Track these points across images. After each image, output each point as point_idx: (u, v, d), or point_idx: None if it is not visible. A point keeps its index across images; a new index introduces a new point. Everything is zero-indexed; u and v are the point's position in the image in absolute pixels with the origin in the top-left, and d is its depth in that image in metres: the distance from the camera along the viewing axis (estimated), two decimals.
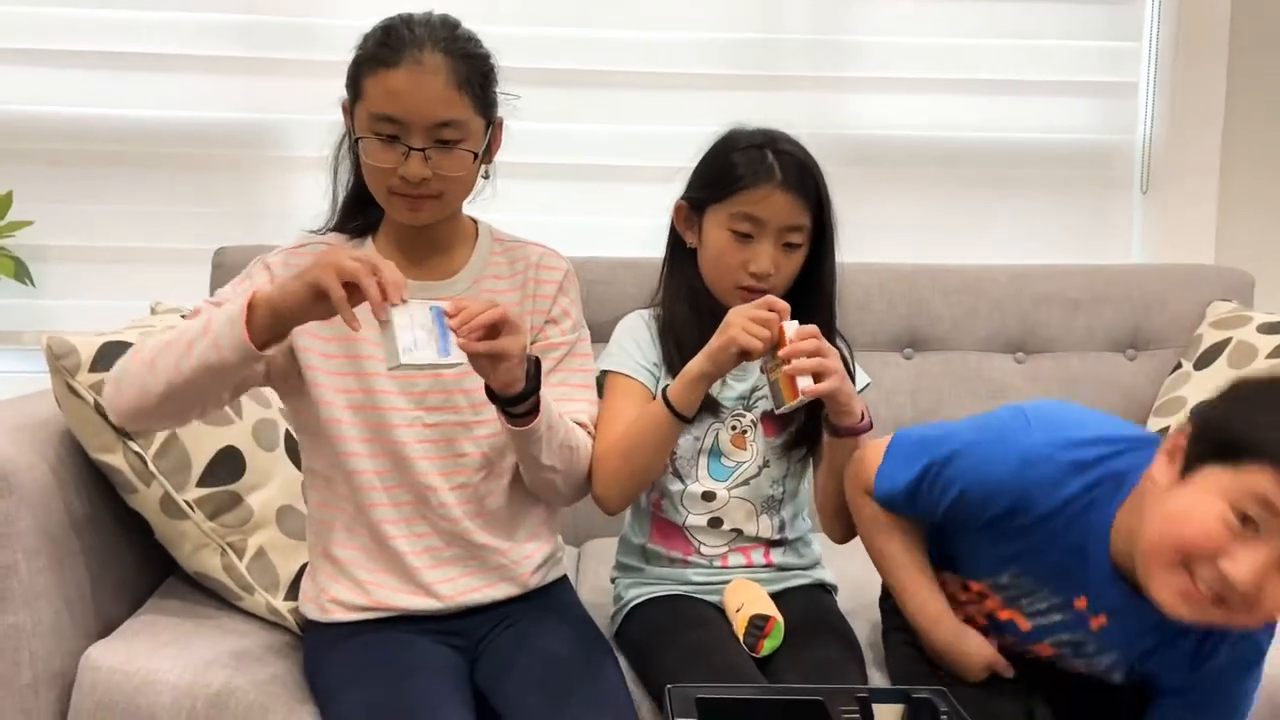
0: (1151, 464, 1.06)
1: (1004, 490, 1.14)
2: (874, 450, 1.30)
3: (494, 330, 1.14)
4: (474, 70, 1.25)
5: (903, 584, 1.30)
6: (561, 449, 1.28)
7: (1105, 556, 1.11)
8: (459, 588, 1.32)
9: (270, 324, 1.12)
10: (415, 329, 1.09)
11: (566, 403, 1.34)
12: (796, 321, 1.30)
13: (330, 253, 1.11)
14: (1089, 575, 1.14)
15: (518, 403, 1.20)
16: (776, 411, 1.32)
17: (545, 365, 1.32)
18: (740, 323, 1.29)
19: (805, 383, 1.26)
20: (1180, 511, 1.01)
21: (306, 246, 1.33)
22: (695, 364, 1.32)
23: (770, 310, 1.29)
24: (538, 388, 1.21)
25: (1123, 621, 1.15)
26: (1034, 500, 1.13)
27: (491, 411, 1.26)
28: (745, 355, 1.29)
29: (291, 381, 1.30)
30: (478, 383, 1.23)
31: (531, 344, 1.33)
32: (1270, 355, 1.87)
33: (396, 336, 1.08)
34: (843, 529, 1.43)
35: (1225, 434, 1.00)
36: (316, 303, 1.09)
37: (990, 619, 1.29)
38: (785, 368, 1.27)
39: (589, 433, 1.36)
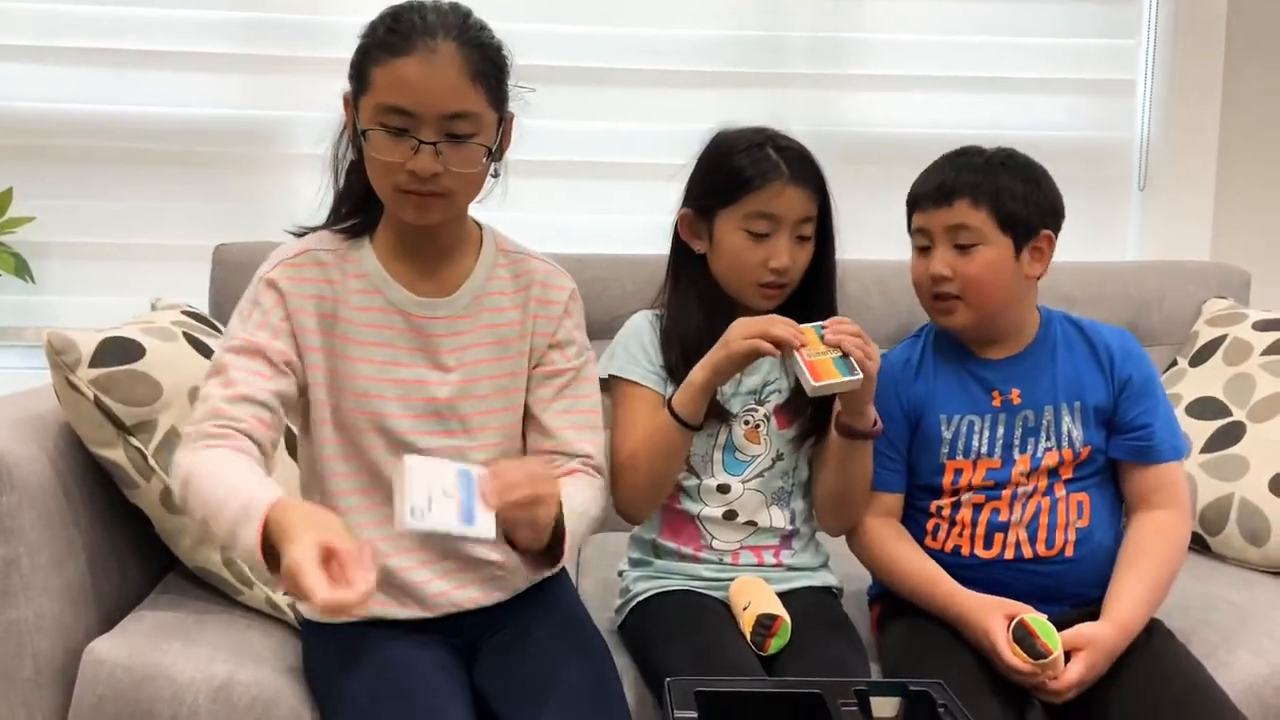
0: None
1: (884, 384, 1.42)
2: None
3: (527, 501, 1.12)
4: (488, 61, 1.19)
5: (929, 575, 1.40)
6: (587, 533, 1.29)
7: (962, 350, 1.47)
8: (455, 600, 1.30)
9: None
10: (432, 488, 1.04)
11: (572, 430, 1.31)
12: (819, 322, 1.32)
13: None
14: (969, 376, 1.45)
15: (541, 557, 1.20)
16: (814, 386, 1.28)
17: (548, 390, 1.32)
18: (741, 331, 1.30)
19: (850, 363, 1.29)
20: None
21: (305, 254, 1.26)
22: (697, 374, 1.34)
23: (770, 323, 1.31)
24: (561, 549, 1.19)
25: (1024, 379, 1.43)
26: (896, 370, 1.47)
27: (489, 436, 1.25)
28: (746, 362, 1.33)
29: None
30: (474, 408, 1.22)
31: (534, 367, 1.32)
32: (1265, 352, 1.88)
33: (408, 494, 1.03)
34: (839, 523, 1.47)
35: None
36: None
37: (979, 503, 1.42)
38: (829, 355, 1.29)
39: (594, 465, 1.32)
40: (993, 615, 1.31)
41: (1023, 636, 1.28)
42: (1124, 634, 1.33)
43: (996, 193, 1.38)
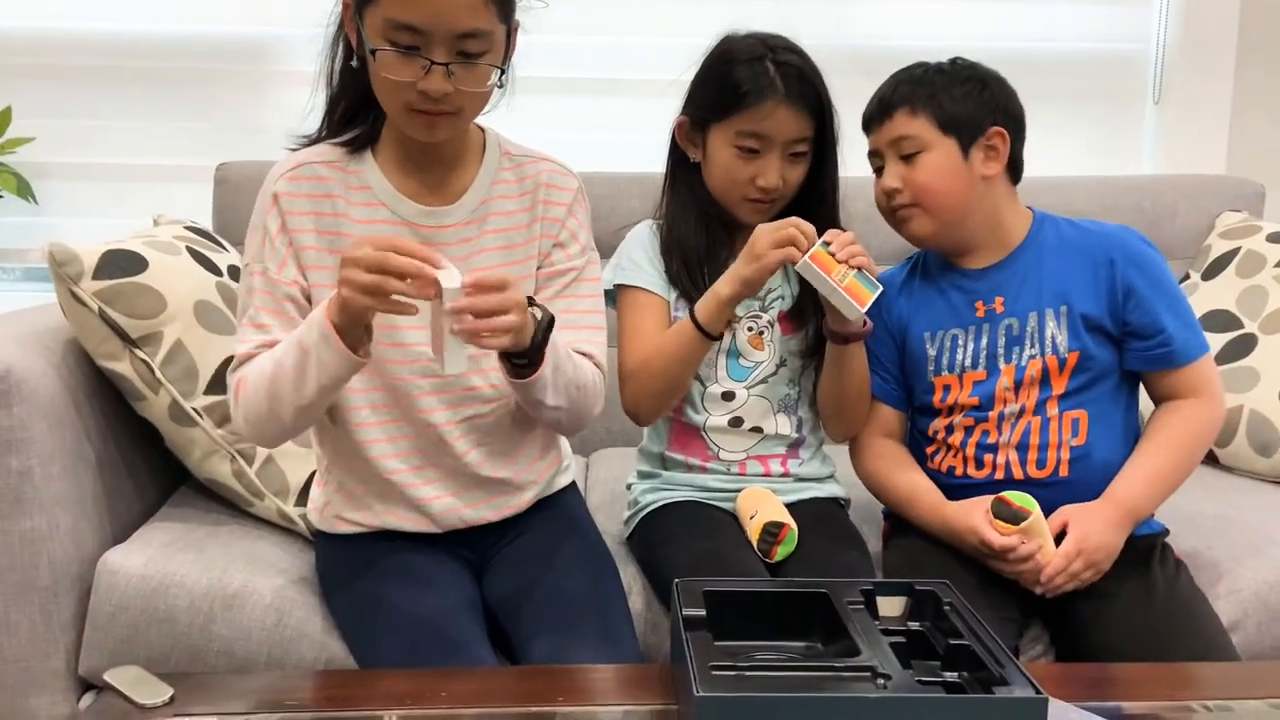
0: None
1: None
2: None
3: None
4: None
5: (914, 489, 1.41)
6: (568, 388, 1.23)
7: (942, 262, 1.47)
8: (464, 517, 1.31)
9: (352, 329, 1.11)
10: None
11: (571, 330, 1.29)
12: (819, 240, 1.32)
13: (350, 257, 1.07)
14: (952, 289, 1.44)
15: (522, 357, 1.16)
16: (862, 312, 1.31)
17: (550, 290, 1.30)
18: (768, 241, 1.30)
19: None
20: None
21: (303, 167, 1.24)
22: (724, 287, 1.33)
23: (790, 227, 1.30)
24: (544, 345, 1.17)
25: (1007, 286, 1.41)
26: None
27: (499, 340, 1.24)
28: (773, 273, 1.33)
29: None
30: None
31: (538, 269, 1.31)
32: (1279, 264, 1.86)
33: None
34: (842, 427, 1.49)
35: None
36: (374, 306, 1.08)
37: (970, 425, 1.41)
38: (851, 275, 1.30)
39: (595, 363, 1.30)
40: (974, 509, 1.32)
41: (1000, 509, 1.29)
42: (1119, 510, 1.30)
43: (932, 96, 1.37)
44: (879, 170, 1.43)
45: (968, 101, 1.38)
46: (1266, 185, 2.10)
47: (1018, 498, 1.29)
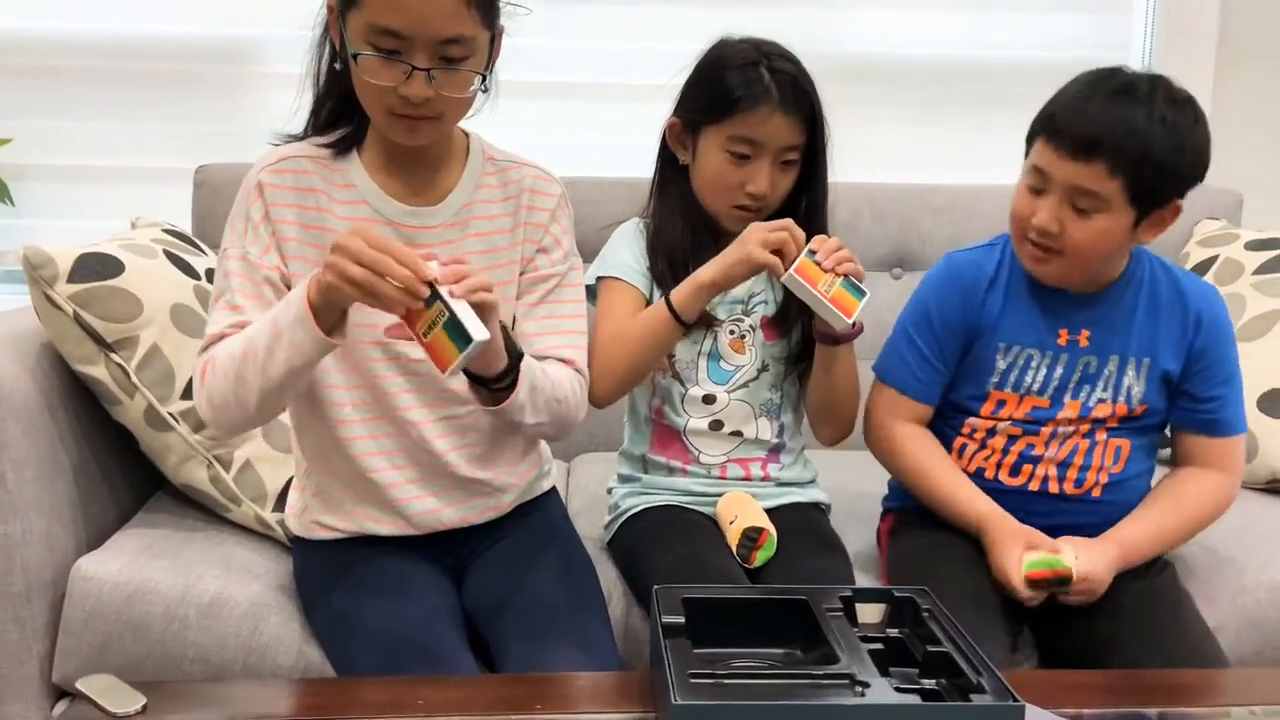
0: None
1: (949, 287, 1.40)
2: (875, 392, 1.45)
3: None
4: None
5: (955, 479, 1.38)
6: (549, 404, 1.23)
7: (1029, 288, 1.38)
8: (443, 519, 1.30)
9: (328, 313, 1.09)
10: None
11: (553, 335, 1.30)
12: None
13: (343, 246, 1.05)
14: (1040, 307, 1.37)
15: (500, 379, 1.16)
16: (849, 323, 1.30)
17: (532, 296, 1.30)
18: (759, 238, 1.30)
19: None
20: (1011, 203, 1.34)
21: (287, 160, 1.24)
22: (706, 272, 1.33)
23: (784, 230, 1.30)
24: (518, 364, 1.16)
25: (1098, 321, 1.35)
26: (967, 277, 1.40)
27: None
28: (757, 270, 1.32)
29: None
30: None
31: (521, 274, 1.30)
32: (1257, 271, 1.87)
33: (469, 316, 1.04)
34: (830, 431, 1.47)
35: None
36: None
37: (1015, 435, 1.38)
38: (838, 284, 1.29)
39: (576, 369, 1.30)
40: (1010, 556, 1.28)
41: (1040, 584, 1.27)
42: (1120, 552, 1.30)
43: (1144, 159, 1.22)
44: (1034, 189, 1.30)
45: (1166, 174, 1.24)
46: (1244, 193, 2.12)
47: (1055, 563, 1.26)
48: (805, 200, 1.44)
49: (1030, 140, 1.32)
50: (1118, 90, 1.25)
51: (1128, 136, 1.22)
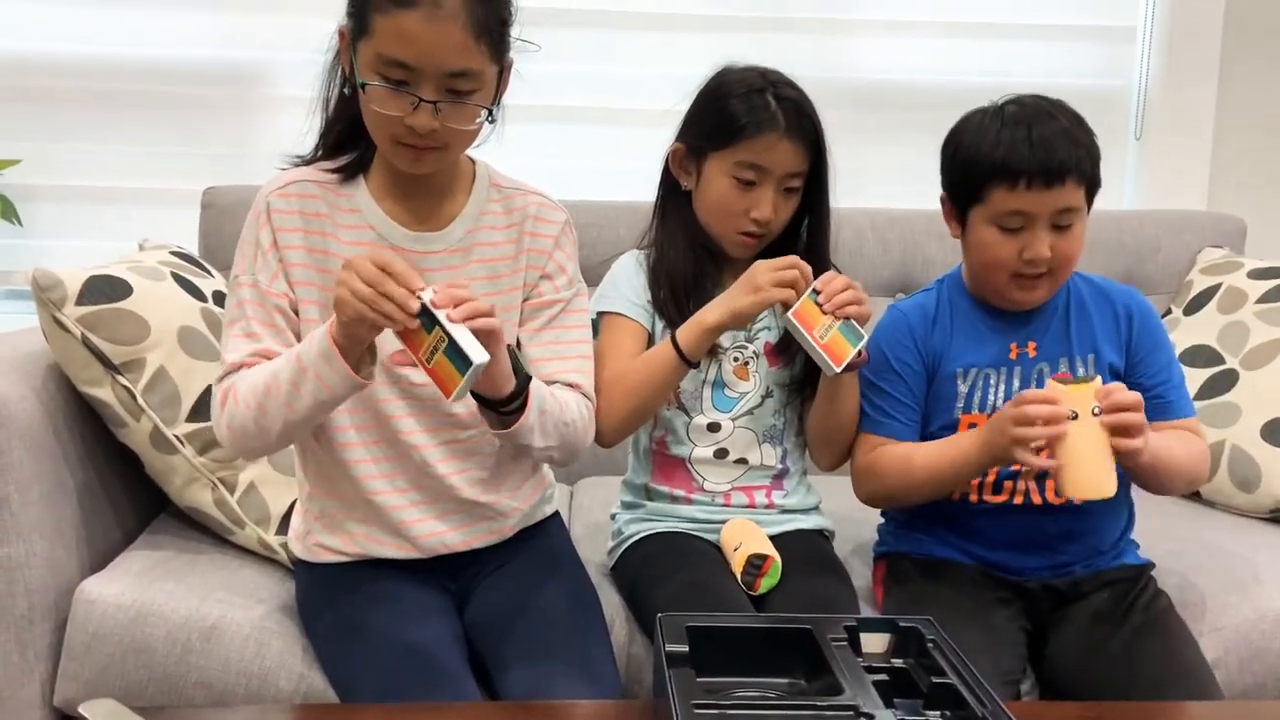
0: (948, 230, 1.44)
1: (899, 331, 1.43)
2: (857, 445, 1.44)
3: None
4: (493, 15, 1.16)
5: (938, 445, 1.38)
6: (558, 427, 1.23)
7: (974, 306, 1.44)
8: (447, 542, 1.30)
9: (352, 347, 1.11)
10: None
11: (559, 361, 1.30)
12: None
13: (353, 263, 1.08)
14: (986, 329, 1.42)
15: (508, 402, 1.17)
16: (838, 371, 1.29)
17: (537, 322, 1.30)
18: (770, 279, 1.30)
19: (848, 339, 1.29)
20: (978, 243, 1.37)
21: (294, 185, 1.25)
22: (711, 314, 1.33)
23: (793, 269, 1.30)
24: (526, 385, 1.17)
25: (1041, 331, 1.40)
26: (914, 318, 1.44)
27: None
28: (768, 308, 1.34)
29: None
30: None
31: (525, 300, 1.31)
32: (1260, 300, 1.87)
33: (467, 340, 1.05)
34: (830, 456, 1.46)
35: (962, 184, 1.37)
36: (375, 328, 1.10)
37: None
38: (835, 329, 1.29)
39: (583, 393, 1.30)
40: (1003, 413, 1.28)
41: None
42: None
43: (1089, 157, 1.31)
44: (1012, 230, 1.32)
45: (1097, 160, 1.33)
46: (1248, 221, 2.12)
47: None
48: (807, 226, 1.45)
49: (968, 197, 1.36)
50: (1032, 115, 1.32)
51: (1074, 145, 1.31)
